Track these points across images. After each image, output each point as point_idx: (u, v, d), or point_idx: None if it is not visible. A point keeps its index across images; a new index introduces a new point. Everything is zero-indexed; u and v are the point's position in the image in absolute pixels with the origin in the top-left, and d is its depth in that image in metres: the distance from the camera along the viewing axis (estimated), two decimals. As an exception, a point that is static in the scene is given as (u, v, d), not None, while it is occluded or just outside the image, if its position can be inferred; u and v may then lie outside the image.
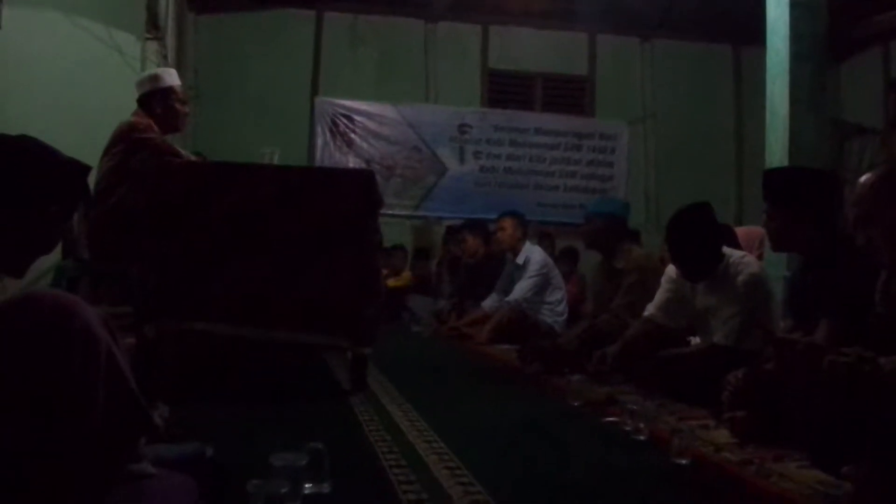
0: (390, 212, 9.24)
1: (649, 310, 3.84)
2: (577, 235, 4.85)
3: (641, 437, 2.72)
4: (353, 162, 9.23)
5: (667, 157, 10.08)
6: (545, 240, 8.77)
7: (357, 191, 3.49)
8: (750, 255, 3.68)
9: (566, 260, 7.96)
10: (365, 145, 9.35)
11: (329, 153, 9.25)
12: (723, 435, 2.75)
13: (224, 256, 3.34)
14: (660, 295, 3.87)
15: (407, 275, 8.14)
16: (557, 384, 3.85)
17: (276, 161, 3.80)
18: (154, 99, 3.98)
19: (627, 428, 2.82)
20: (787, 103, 4.90)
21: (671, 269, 3.80)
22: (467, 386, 4.02)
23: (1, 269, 1.77)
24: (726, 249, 3.62)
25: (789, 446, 2.49)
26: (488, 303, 6.22)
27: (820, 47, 5.07)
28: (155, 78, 4.08)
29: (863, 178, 2.37)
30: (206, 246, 3.34)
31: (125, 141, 3.82)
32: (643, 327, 3.82)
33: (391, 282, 7.89)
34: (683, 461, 2.40)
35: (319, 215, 3.41)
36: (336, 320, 3.41)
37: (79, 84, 6.02)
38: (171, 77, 4.11)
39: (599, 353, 3.86)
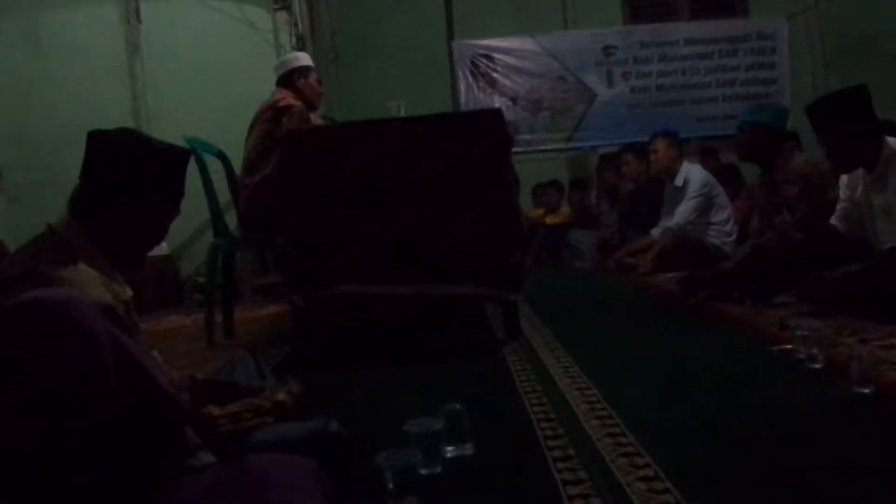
0: (542, 147, 9.06)
1: (833, 220, 3.51)
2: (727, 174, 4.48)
3: (817, 366, 2.47)
4: (497, 101, 9.02)
5: (835, 50, 9.22)
6: (708, 156, 8.31)
7: (486, 131, 3.34)
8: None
9: (731, 175, 7.47)
10: (508, 83, 9.11)
11: (473, 96, 9.09)
12: (913, 354, 2.45)
13: (360, 216, 3.30)
14: (839, 204, 3.52)
15: (565, 210, 7.92)
16: (723, 312, 3.61)
17: (402, 112, 3.73)
18: (295, 75, 4.25)
19: (801, 356, 2.57)
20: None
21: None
22: (626, 323, 3.82)
23: (116, 264, 1.77)
24: (888, 139, 3.23)
25: None
26: (656, 230, 5.91)
27: None
28: (293, 58, 4.37)
29: None
30: (342, 208, 3.31)
31: (270, 109, 3.98)
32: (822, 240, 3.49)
33: (549, 219, 7.73)
34: (865, 390, 2.15)
35: (450, 162, 3.29)
36: (480, 269, 3.30)
37: (218, 64, 6.21)
38: (307, 58, 4.39)
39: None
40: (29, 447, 1.13)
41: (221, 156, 4.21)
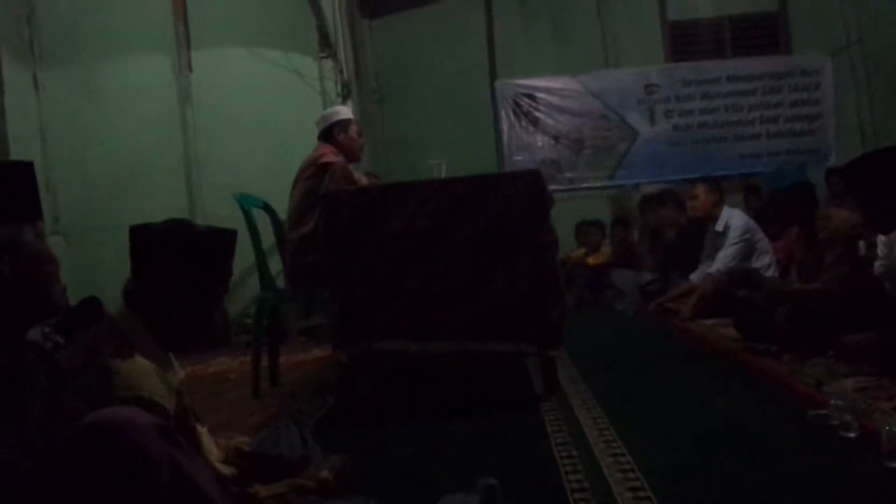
0: (584, 185, 9.14)
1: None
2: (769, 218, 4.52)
3: (851, 434, 2.49)
4: (540, 140, 9.15)
5: (880, 85, 9.18)
6: (751, 193, 8.31)
7: (525, 192, 3.43)
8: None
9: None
10: (550, 121, 9.22)
11: (516, 135, 9.22)
12: (949, 423, 2.46)
13: (402, 275, 3.41)
14: (878, 261, 3.54)
15: (606, 250, 7.94)
16: (761, 366, 3.63)
17: (443, 172, 3.84)
18: (335, 129, 4.37)
19: (835, 423, 2.59)
20: None
21: (884, 233, 3.47)
22: (664, 377, 3.84)
23: (176, 346, 1.89)
24: None
25: None
26: (696, 274, 5.95)
27: None
28: (334, 112, 4.51)
29: None
30: (384, 266, 3.42)
31: (312, 166, 4.11)
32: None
33: (591, 259, 7.76)
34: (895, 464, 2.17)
35: (490, 222, 3.39)
36: (520, 326, 3.38)
37: (265, 112, 6.39)
38: (347, 112, 4.55)
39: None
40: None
41: (267, 208, 4.36)
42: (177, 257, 1.87)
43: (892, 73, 9.05)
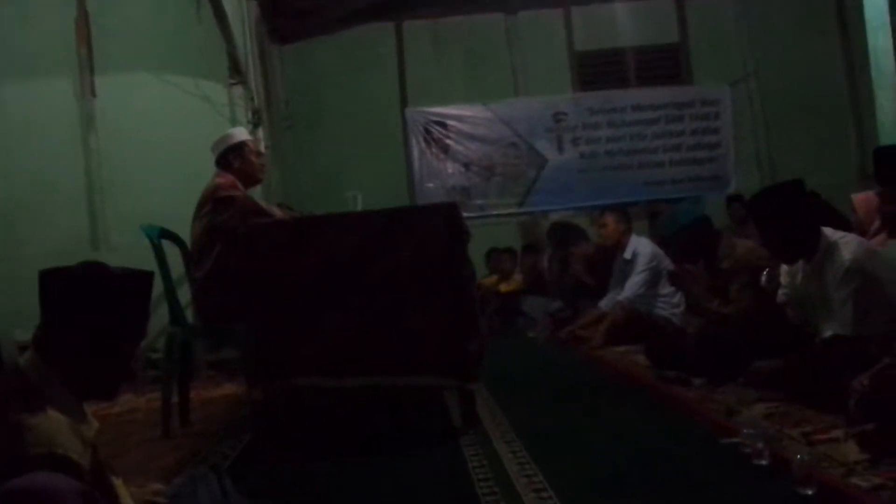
0: (495, 212, 9.21)
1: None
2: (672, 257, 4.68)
3: (762, 462, 2.56)
4: (451, 167, 9.21)
5: (776, 114, 9.63)
6: (655, 220, 8.53)
7: (442, 225, 3.44)
8: (850, 236, 3.42)
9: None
10: (461, 149, 9.28)
11: (426, 162, 9.25)
12: (853, 450, 2.56)
13: (320, 309, 3.37)
14: (780, 290, 3.67)
15: (518, 278, 8.03)
16: (673, 395, 3.72)
17: (359, 204, 3.81)
18: (230, 156, 4.17)
19: (748, 451, 2.66)
20: (893, 57, 4.56)
21: (786, 264, 3.60)
22: (580, 406, 3.89)
23: (88, 399, 1.81)
24: (825, 230, 3.39)
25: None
26: (605, 302, 6.07)
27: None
28: (226, 137, 4.27)
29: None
30: (301, 301, 3.38)
31: (211, 201, 3.96)
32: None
33: (502, 286, 7.84)
34: (808, 491, 2.24)
35: (407, 255, 3.39)
36: (438, 360, 3.38)
37: (174, 139, 6.24)
38: (241, 133, 4.34)
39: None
40: None
41: (177, 239, 4.23)
42: (91, 303, 1.80)
43: (787, 103, 9.50)
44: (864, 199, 4.65)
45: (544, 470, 2.70)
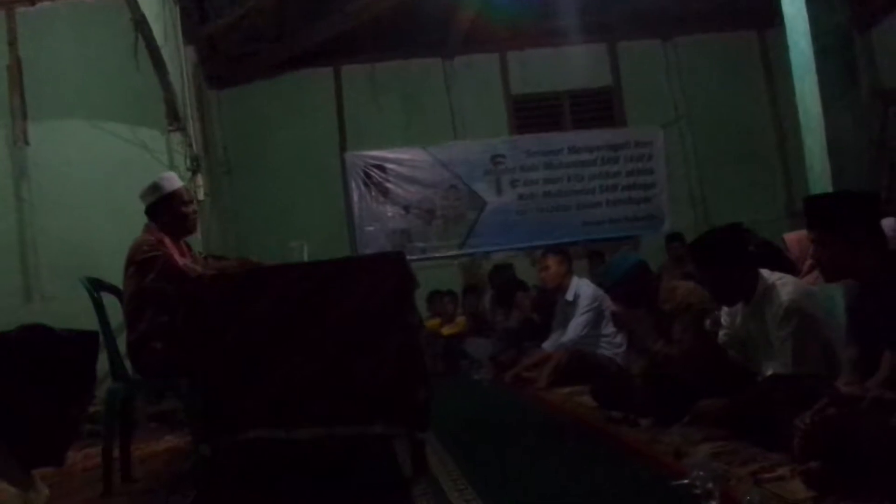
0: (436, 254, 9.25)
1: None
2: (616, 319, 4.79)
3: (713, 503, 2.60)
4: (391, 210, 9.24)
5: (706, 155, 9.91)
6: (594, 259, 8.67)
7: (389, 274, 3.44)
8: (787, 277, 3.53)
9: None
10: (400, 192, 9.34)
11: (366, 205, 9.28)
12: (800, 487, 2.61)
13: (268, 361, 3.33)
14: (721, 331, 3.75)
15: (461, 320, 8.06)
16: (621, 437, 3.76)
17: (304, 254, 3.78)
18: (160, 207, 4.00)
19: (697, 492, 2.70)
20: (819, 103, 4.71)
21: (727, 305, 3.69)
22: (529, 451, 3.89)
23: (37, 466, 1.76)
24: (762, 272, 3.50)
25: (871, 498, 2.35)
26: (548, 343, 6.11)
27: (845, 37, 4.89)
28: (155, 188, 4.06)
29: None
30: (248, 353, 3.33)
31: (133, 264, 3.85)
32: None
33: (445, 329, 7.85)
34: (759, 531, 2.28)
35: (355, 305, 3.37)
36: (387, 409, 3.36)
37: (112, 187, 6.14)
38: (171, 182, 4.11)
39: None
40: None
41: (117, 292, 4.14)
42: (35, 367, 1.75)
43: (717, 144, 9.79)
44: (795, 238, 4.81)
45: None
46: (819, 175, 4.66)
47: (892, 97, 9.11)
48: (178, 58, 6.61)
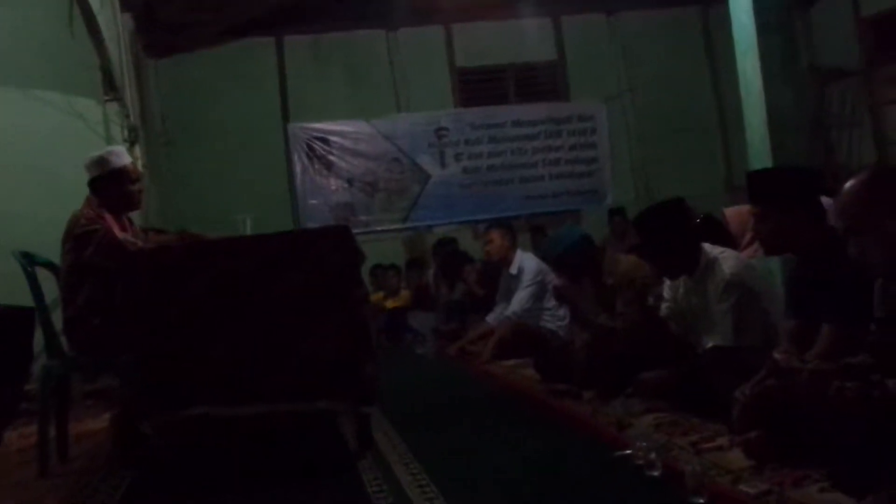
0: (379, 228, 9.21)
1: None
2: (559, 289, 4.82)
3: (655, 473, 2.65)
4: (334, 184, 9.18)
5: (649, 129, 10.01)
6: (536, 233, 8.72)
7: (335, 248, 3.41)
8: (729, 251, 3.60)
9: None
10: (344, 164, 9.26)
11: (309, 178, 9.19)
12: (739, 457, 2.67)
13: (210, 336, 3.26)
14: (663, 304, 3.80)
15: (405, 293, 8.05)
16: (564, 408, 3.80)
17: (248, 227, 3.72)
18: (104, 182, 3.85)
19: (640, 462, 2.74)
20: (760, 78, 4.80)
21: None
22: (474, 424, 3.92)
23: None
24: (705, 246, 3.55)
25: (808, 465, 2.41)
26: (492, 316, 6.14)
27: (786, 15, 4.97)
28: (102, 161, 3.89)
29: (846, 186, 2.28)
30: (190, 330, 3.26)
31: (71, 238, 3.71)
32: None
33: (389, 303, 7.84)
34: (700, 500, 2.33)
35: (300, 279, 3.33)
36: (333, 383, 3.33)
37: (46, 158, 5.93)
38: (120, 157, 3.95)
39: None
40: None
41: (52, 266, 4.02)
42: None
43: (659, 119, 9.90)
44: (735, 213, 4.90)
45: (444, 491, 2.71)
46: (759, 150, 4.74)
47: (829, 75, 9.31)
48: (115, 25, 6.41)
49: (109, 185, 3.86)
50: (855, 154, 9.21)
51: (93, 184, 3.91)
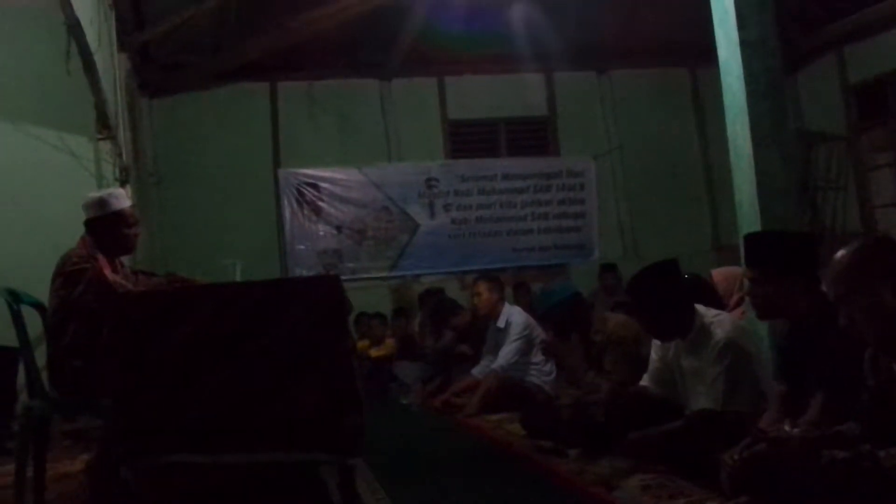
0: (366, 275, 9.19)
1: (644, 380, 3.77)
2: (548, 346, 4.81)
3: (643, 538, 2.62)
4: (322, 230, 9.17)
5: (637, 187, 10.09)
6: (520, 289, 8.71)
7: (323, 297, 3.38)
8: (724, 314, 3.62)
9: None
10: (333, 211, 9.26)
11: (298, 223, 9.17)
12: (728, 523, 2.65)
13: (193, 383, 3.21)
14: (651, 364, 3.80)
15: (390, 343, 7.99)
16: (552, 467, 3.76)
17: (238, 273, 3.70)
18: (101, 224, 3.84)
19: (628, 526, 2.72)
20: (750, 143, 4.83)
21: (658, 338, 3.74)
22: (460, 480, 3.87)
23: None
24: (699, 308, 3.56)
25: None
26: (478, 369, 6.11)
27: (776, 81, 5.04)
28: (103, 202, 3.89)
29: (837, 256, 2.31)
30: (173, 375, 3.22)
31: (61, 275, 3.69)
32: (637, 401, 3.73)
33: (373, 352, 7.78)
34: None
35: (287, 327, 3.29)
36: (317, 434, 3.28)
37: (35, 196, 5.90)
38: (120, 200, 3.94)
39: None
40: None
41: (39, 307, 3.97)
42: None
43: (647, 177, 9.99)
44: (722, 273, 4.92)
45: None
46: (748, 212, 4.76)
47: (815, 139, 9.46)
48: (111, 64, 6.44)
49: (107, 226, 3.84)
50: (839, 217, 9.33)
51: (90, 224, 3.89)
